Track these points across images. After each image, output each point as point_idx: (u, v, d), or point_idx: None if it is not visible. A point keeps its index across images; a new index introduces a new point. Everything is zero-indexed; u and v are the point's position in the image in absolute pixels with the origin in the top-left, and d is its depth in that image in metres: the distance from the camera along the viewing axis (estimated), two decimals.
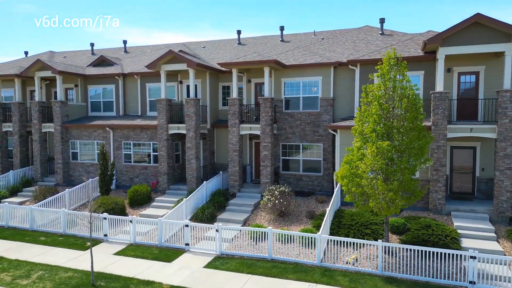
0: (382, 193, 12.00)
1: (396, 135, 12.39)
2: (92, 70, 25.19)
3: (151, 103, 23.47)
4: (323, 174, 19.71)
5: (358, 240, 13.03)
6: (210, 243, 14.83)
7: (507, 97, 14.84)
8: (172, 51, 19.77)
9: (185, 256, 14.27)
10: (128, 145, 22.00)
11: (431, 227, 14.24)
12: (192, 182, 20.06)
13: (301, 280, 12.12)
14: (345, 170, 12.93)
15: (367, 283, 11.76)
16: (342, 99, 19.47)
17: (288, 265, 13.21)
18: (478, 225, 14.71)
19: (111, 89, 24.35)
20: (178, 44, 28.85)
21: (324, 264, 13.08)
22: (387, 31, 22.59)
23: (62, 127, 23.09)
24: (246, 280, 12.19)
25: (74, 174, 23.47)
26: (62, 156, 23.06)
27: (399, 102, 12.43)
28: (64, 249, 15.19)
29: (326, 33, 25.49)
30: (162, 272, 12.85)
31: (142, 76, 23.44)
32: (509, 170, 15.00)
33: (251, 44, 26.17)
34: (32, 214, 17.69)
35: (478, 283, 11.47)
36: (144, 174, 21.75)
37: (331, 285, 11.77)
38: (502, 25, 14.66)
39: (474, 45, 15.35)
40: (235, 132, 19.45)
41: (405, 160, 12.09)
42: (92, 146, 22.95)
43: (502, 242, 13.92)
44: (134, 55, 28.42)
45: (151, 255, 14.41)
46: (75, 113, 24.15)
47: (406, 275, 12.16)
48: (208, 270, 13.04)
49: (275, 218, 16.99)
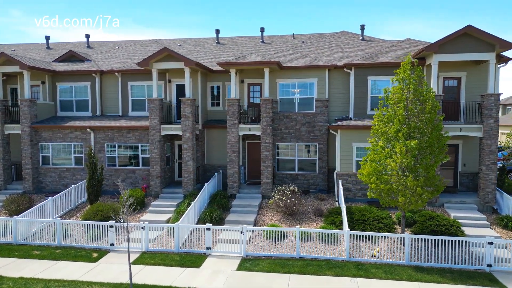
0: (410, 188, 12.88)
1: (418, 134, 13.36)
2: (61, 66, 23.04)
3: (133, 102, 22.17)
4: (318, 173, 20.37)
5: (386, 234, 13.83)
6: (229, 246, 14.55)
7: (492, 100, 16.78)
8: (167, 49, 18.94)
9: (210, 260, 13.86)
10: (113, 147, 20.57)
11: (435, 219, 15.56)
12: (189, 185, 19.43)
13: (340, 275, 12.52)
14: (371, 169, 13.61)
15: (400, 274, 12.54)
16: (336, 100, 20.31)
17: (319, 262, 13.53)
18: (471, 214, 16.40)
19: (86, 87, 22.52)
20: (151, 40, 27.62)
21: (352, 258, 13.64)
22: (366, 37, 24.01)
23: (31, 129, 20.81)
24: (288, 279, 12.26)
25: (45, 181, 21.28)
26: (31, 160, 20.78)
27: (421, 104, 13.41)
28: (70, 262, 13.82)
29: (304, 37, 26.28)
30: (198, 278, 12.37)
31: (124, 74, 22.03)
32: (493, 165, 16.96)
33: (231, 44, 26.02)
34: (16, 225, 15.76)
35: (494, 265, 12.87)
36: (132, 178, 20.51)
37: (369, 277, 12.35)
38: (488, 36, 16.53)
39: (464, 53, 17.06)
40: (234, 133, 19.25)
41: (429, 157, 13.12)
42: (68, 149, 21.02)
43: (495, 228, 15.70)
44: (102, 51, 26.56)
45: (174, 261, 13.75)
46: (42, 113, 21.86)
47: (431, 263, 13.19)
48: (243, 272, 12.85)
49: (283, 217, 17.18)
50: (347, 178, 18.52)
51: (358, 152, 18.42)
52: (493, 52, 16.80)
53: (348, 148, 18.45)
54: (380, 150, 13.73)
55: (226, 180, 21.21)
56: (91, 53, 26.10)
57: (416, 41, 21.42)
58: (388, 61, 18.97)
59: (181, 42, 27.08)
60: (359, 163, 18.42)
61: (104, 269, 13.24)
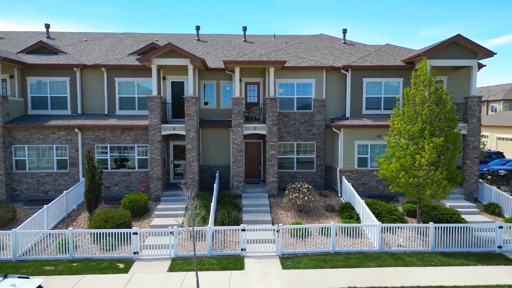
0: (437, 181, 14.09)
1: (438, 132, 14.65)
2: (33, 59, 20.48)
3: (121, 100, 20.58)
4: (316, 170, 21.02)
5: (411, 224, 14.94)
6: (263, 246, 14.44)
7: (475, 101, 18.98)
8: (172, 44, 17.97)
9: (249, 262, 13.61)
10: (104, 148, 18.91)
11: (437, 209, 17.12)
12: (193, 186, 18.69)
13: (382, 266, 13.21)
14: (398, 165, 14.57)
15: (433, 260, 13.65)
16: (331, 100, 21.14)
17: (357, 255, 14.09)
18: (461, 203, 18.37)
19: (65, 82, 20.33)
20: (123, 34, 25.86)
21: (384, 249, 14.46)
22: (348, 41, 25.33)
23: (3, 129, 18.22)
24: (338, 274, 12.59)
25: (20, 188, 18.79)
26: (4, 165, 18.19)
27: (442, 105, 14.71)
28: (98, 276, 12.53)
29: (284, 38, 26.80)
30: (253, 281, 12.11)
31: (109, 69, 20.33)
32: (476, 159, 19.17)
33: (213, 42, 25.52)
34: (16, 239, 13.76)
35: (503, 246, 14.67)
36: (126, 181, 19.07)
37: (409, 266, 13.23)
38: (473, 44, 18.61)
39: (451, 59, 18.99)
40: (240, 132, 19.01)
41: (449, 153, 14.48)
42: (49, 151, 18.81)
43: (484, 214, 17.80)
44: (70, 43, 24.15)
45: (214, 265, 13.23)
46: (10, 111, 19.22)
47: (451, 249, 14.56)
48: (291, 271, 12.86)
49: (297, 214, 17.47)
50: (349, 174, 19.45)
51: (359, 150, 19.46)
52: (475, 59, 19.00)
53: (350, 146, 19.39)
54: (404, 147, 14.75)
55: (222, 180, 20.84)
56: (59, 45, 23.57)
57: (396, 46, 23.19)
58: (382, 64, 20.30)
59: (158, 37, 25.78)
60: (360, 160, 19.58)
61: (142, 279, 12.27)
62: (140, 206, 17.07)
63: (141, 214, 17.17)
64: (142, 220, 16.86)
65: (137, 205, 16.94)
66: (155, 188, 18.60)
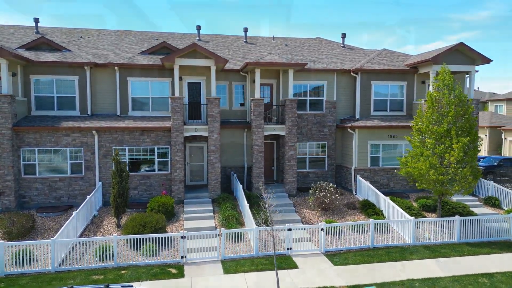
0: (464, 177, 15.33)
1: (460, 132, 15.92)
2: (36, 56, 19.11)
3: (134, 101, 19.84)
4: (328, 169, 21.75)
5: (442, 218, 16.04)
6: (306, 244, 14.83)
7: (473, 103, 20.73)
8: (196, 44, 17.74)
9: (299, 260, 13.91)
10: (122, 151, 18.16)
11: (448, 203, 18.56)
12: (216, 188, 18.59)
13: (422, 258, 14.13)
14: (428, 163, 15.62)
15: (463, 250, 14.85)
16: (342, 102, 21.98)
17: (395, 249, 14.93)
18: (465, 198, 19.99)
19: (73, 81, 19.21)
20: (122, 31, 24.86)
21: (417, 243, 15.44)
22: (347, 45, 26.36)
23: (12, 131, 16.90)
24: (390, 266, 13.31)
25: (29, 194, 17.53)
26: (12, 170, 16.87)
27: (464, 107, 16.00)
28: (154, 282, 12.17)
29: (282, 40, 27.27)
30: (315, 278, 12.45)
31: (121, 68, 19.53)
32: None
33: (215, 42, 25.36)
34: (55, 248, 12.92)
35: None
36: (146, 184, 18.47)
37: (446, 256, 14.27)
38: (472, 51, 20.32)
39: (453, 65, 20.57)
40: (260, 133, 19.20)
41: (472, 151, 15.81)
42: (62, 154, 17.72)
43: (486, 207, 19.54)
44: (67, 40, 22.79)
45: (268, 265, 13.38)
46: None
47: (474, 239, 15.89)
48: (343, 267, 13.35)
49: (321, 213, 18.05)
50: (363, 173, 20.39)
51: (372, 149, 20.46)
52: (473, 64, 20.76)
53: (364, 146, 20.33)
54: (430, 147, 15.86)
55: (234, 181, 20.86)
56: (58, 41, 22.12)
57: (394, 52, 24.57)
58: (388, 68, 21.47)
59: (158, 36, 25.11)
60: (373, 159, 20.59)
61: (206, 284, 12.13)
62: (169, 210, 16.70)
63: (169, 217, 16.79)
64: (172, 224, 16.50)
65: (165, 208, 16.55)
66: (178, 190, 18.24)
